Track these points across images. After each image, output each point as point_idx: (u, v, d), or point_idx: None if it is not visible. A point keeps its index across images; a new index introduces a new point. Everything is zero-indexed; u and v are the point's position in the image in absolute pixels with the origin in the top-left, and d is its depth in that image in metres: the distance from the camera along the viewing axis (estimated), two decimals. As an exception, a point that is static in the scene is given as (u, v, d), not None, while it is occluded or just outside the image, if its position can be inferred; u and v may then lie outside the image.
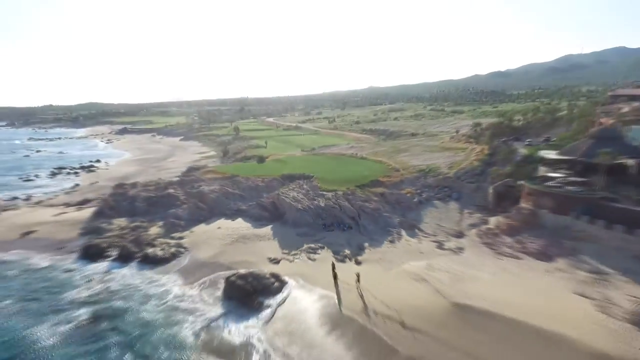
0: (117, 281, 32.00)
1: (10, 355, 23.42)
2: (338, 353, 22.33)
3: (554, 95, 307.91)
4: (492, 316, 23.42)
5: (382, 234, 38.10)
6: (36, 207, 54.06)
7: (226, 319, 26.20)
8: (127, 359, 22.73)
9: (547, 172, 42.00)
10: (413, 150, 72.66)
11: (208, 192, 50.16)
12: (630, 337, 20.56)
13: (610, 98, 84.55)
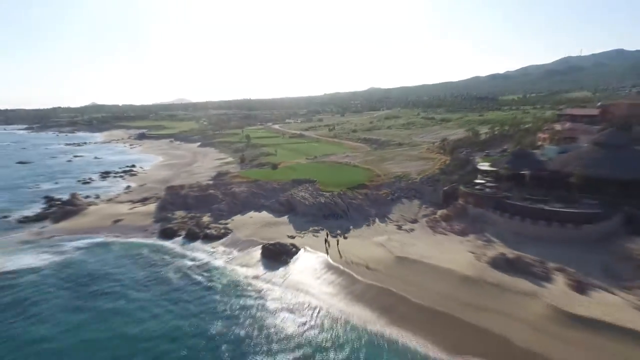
0: (192, 250, 50.26)
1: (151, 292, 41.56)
2: (329, 280, 40.58)
3: (545, 100, 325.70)
4: (417, 262, 41.59)
5: (363, 221, 56.22)
6: (110, 203, 72.46)
7: (264, 267, 44.39)
8: (214, 288, 40.76)
9: (479, 179, 60.20)
10: (396, 159, 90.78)
11: (239, 192, 68.54)
12: (484, 269, 38.65)
13: (557, 116, 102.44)
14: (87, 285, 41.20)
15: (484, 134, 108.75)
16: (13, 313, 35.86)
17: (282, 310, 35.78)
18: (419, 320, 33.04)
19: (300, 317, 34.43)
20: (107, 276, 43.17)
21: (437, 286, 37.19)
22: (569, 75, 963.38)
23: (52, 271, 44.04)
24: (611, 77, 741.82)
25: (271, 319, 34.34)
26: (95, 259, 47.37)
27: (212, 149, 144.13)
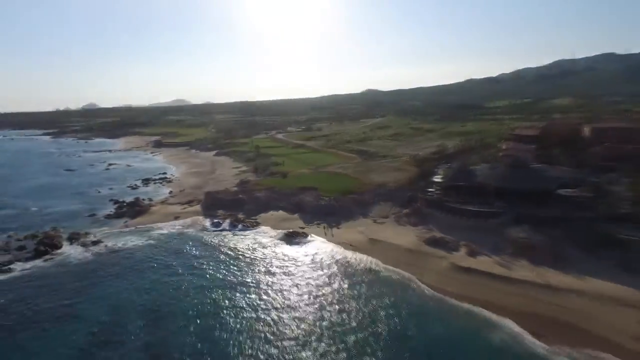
0: (237, 234, 75.22)
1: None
2: (328, 249, 65.74)
3: (529, 107, 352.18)
4: (382, 241, 66.74)
5: (350, 217, 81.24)
6: (164, 205, 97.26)
7: (285, 245, 69.36)
8: (257, 257, 65.55)
9: (432, 188, 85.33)
10: (379, 170, 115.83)
11: (261, 196, 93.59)
12: (420, 245, 63.87)
13: (510, 135, 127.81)
14: (177, 252, 66.18)
15: (453, 147, 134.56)
16: (144, 266, 60.74)
17: (297, 263, 60.79)
18: (384, 265, 58.25)
19: (316, 263, 59.43)
20: (186, 249, 68.15)
21: (392, 254, 62.39)
22: (561, 78, 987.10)
23: (152, 247, 69.04)
24: (602, 81, 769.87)
25: (297, 265, 59.31)
26: (176, 240, 72.37)
27: (227, 158, 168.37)
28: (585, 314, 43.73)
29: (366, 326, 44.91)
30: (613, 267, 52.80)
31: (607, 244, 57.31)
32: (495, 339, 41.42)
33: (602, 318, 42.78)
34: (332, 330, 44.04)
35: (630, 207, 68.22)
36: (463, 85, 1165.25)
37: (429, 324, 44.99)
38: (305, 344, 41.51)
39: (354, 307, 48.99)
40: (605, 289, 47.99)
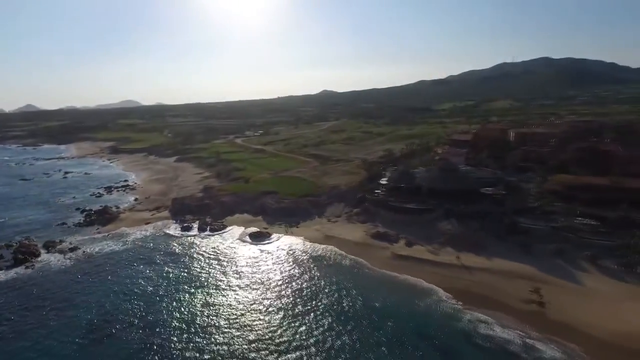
0: (207, 236, 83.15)
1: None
2: (290, 242, 75.71)
3: (472, 110, 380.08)
4: (335, 237, 77.70)
5: (308, 217, 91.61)
6: (132, 212, 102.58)
7: (251, 244, 78.46)
8: (228, 252, 74.21)
9: (378, 189, 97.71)
10: (333, 173, 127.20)
11: (226, 201, 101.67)
12: (367, 239, 75.57)
13: (447, 140, 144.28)
14: (152, 255, 73.26)
15: (400, 150, 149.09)
16: (124, 269, 67.46)
17: (264, 257, 70.22)
18: (340, 255, 69.16)
19: (280, 256, 69.05)
20: (161, 251, 75.36)
21: (344, 246, 73.52)
22: (502, 81, 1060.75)
23: (129, 252, 75.50)
24: (537, 84, 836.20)
25: (265, 259, 68.67)
26: (150, 244, 79.14)
27: (188, 164, 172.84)
28: (490, 286, 56.91)
29: (331, 295, 56.11)
30: (516, 249, 66.97)
31: (513, 232, 71.76)
32: (427, 300, 53.85)
33: (502, 288, 56.13)
34: (304, 300, 54.66)
35: (535, 201, 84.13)
36: (415, 86, 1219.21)
37: (379, 291, 57.18)
38: (284, 309, 51.35)
39: (317, 283, 59.59)
40: (508, 266, 61.76)
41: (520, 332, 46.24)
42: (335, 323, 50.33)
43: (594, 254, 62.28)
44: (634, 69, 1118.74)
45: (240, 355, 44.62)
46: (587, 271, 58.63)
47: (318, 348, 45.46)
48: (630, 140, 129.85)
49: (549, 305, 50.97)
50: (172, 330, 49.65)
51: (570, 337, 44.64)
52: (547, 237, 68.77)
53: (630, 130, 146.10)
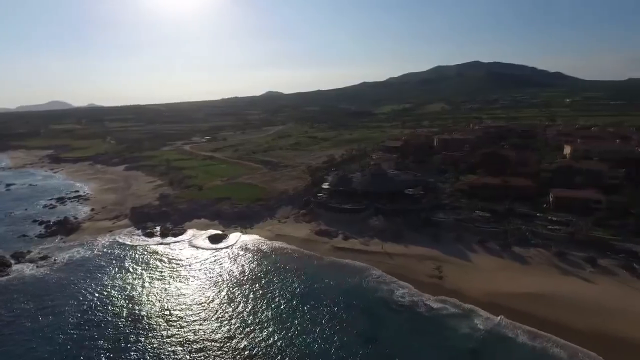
0: (169, 240, 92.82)
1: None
2: (247, 240, 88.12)
3: (409, 114, 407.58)
4: (285, 235, 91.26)
5: (260, 220, 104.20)
6: (92, 221, 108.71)
7: (211, 244, 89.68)
8: (189, 255, 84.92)
9: (321, 193, 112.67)
10: (282, 179, 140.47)
11: (183, 208, 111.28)
12: (311, 235, 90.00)
13: (381, 146, 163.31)
14: (121, 260, 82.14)
15: (340, 156, 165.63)
16: (97, 274, 75.97)
17: (224, 256, 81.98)
18: (289, 249, 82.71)
19: (238, 253, 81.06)
20: (129, 256, 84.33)
21: (293, 243, 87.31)
22: (438, 84, 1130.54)
23: (98, 258, 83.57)
24: (468, 87, 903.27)
25: (225, 257, 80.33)
26: (117, 251, 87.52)
27: (139, 172, 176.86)
28: (405, 266, 73.58)
29: (282, 280, 69.70)
30: (427, 238, 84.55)
31: (426, 224, 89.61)
32: (371, 275, 69.56)
33: (413, 267, 72.97)
34: (261, 286, 67.48)
35: (447, 199, 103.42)
36: (357, 88, 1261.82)
37: (321, 275, 71.56)
38: (244, 295, 63.82)
39: (271, 273, 72.74)
40: (420, 251, 78.99)
41: (422, 297, 62.97)
42: (287, 300, 64.05)
43: (483, 238, 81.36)
44: (552, 72, 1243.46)
45: (211, 332, 56.86)
46: (477, 252, 77.31)
47: (275, 320, 58.93)
48: (529, 143, 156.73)
49: (446, 278, 68.48)
50: (152, 326, 60.52)
51: (456, 297, 62.01)
52: (451, 227, 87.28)
53: (530, 134, 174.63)
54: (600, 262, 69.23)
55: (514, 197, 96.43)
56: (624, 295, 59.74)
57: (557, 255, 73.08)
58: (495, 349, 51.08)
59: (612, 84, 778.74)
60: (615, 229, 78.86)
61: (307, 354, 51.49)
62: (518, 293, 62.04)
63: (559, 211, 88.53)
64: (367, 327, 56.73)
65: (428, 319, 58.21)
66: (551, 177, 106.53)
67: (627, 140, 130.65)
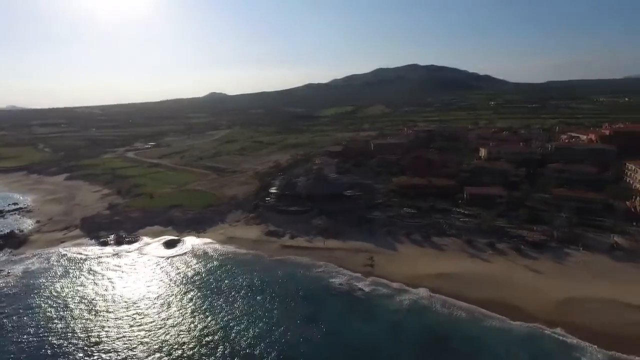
0: (124, 248, 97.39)
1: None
2: (199, 244, 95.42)
3: (352, 117, 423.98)
4: (237, 237, 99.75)
5: (213, 224, 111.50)
6: (41, 233, 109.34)
7: (166, 249, 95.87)
8: (146, 262, 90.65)
9: (269, 197, 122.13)
10: (231, 184, 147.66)
11: (135, 216, 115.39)
12: (262, 236, 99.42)
13: (323, 151, 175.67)
14: (80, 268, 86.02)
15: (286, 161, 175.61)
16: (58, 283, 79.61)
17: (180, 259, 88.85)
18: (241, 250, 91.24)
19: (193, 256, 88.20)
20: (86, 264, 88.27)
21: (244, 244, 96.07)
22: (379, 86, 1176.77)
23: (56, 267, 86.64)
24: (407, 89, 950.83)
25: (181, 261, 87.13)
26: (73, 259, 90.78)
27: (82, 182, 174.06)
28: (343, 258, 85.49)
29: (236, 277, 78.47)
30: (363, 234, 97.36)
31: (362, 222, 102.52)
32: (314, 268, 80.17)
33: (350, 259, 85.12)
34: (217, 284, 75.78)
35: (381, 198, 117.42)
36: (302, 90, 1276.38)
37: (274, 269, 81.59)
38: (200, 293, 71.73)
39: (225, 272, 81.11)
40: (357, 245, 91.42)
41: (358, 283, 75.14)
42: (242, 293, 73.22)
43: (409, 231, 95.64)
44: (482, 75, 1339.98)
45: (177, 327, 64.68)
46: (403, 243, 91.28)
47: (230, 311, 67.90)
48: (453, 146, 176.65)
49: (377, 266, 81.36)
50: (120, 326, 66.92)
51: (385, 280, 74.96)
52: (383, 223, 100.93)
53: (454, 138, 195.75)
54: (497, 246, 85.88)
55: (436, 195, 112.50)
56: (511, 270, 76.03)
57: (467, 242, 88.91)
58: (416, 316, 64.27)
59: (534, 87, 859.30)
60: (512, 218, 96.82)
61: (259, 335, 61.15)
62: (434, 274, 76.20)
63: (471, 206, 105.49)
64: (310, 310, 67.57)
65: (362, 300, 70.29)
66: (468, 177, 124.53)
67: (529, 143, 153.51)
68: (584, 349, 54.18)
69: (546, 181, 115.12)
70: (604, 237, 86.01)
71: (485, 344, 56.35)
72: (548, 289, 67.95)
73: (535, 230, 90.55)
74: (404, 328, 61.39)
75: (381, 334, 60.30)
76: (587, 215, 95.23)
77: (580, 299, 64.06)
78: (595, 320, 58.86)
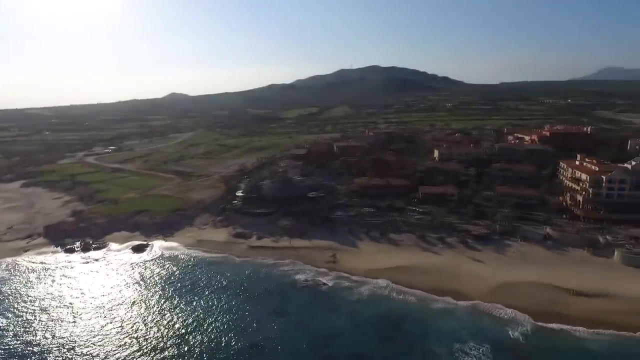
0: (92, 254, 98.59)
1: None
2: (168, 247, 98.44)
3: (314, 119, 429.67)
4: (206, 240, 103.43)
5: (181, 228, 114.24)
6: (1, 243, 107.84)
7: (134, 255, 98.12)
8: (117, 266, 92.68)
9: (236, 200, 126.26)
10: (197, 188, 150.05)
11: (101, 222, 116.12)
12: (229, 238, 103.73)
13: (287, 154, 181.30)
14: (49, 275, 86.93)
15: (252, 164, 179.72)
16: (27, 291, 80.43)
17: (150, 263, 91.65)
18: (210, 252, 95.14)
19: (161, 260, 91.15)
20: (53, 274, 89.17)
21: (212, 246, 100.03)
22: (341, 87, 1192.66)
23: (22, 275, 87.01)
24: (368, 90, 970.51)
25: (151, 264, 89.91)
26: (37, 269, 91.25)
27: (41, 189, 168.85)
28: (308, 256, 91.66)
29: (205, 278, 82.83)
30: (327, 232, 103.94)
31: (326, 221, 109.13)
32: (280, 266, 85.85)
33: (315, 256, 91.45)
34: (188, 284, 79.73)
35: (343, 199, 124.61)
36: (265, 90, 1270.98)
37: (243, 268, 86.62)
38: (171, 294, 75.38)
39: (195, 273, 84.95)
40: (321, 244, 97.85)
41: (320, 277, 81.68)
42: (212, 292, 77.75)
43: (368, 229, 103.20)
44: (440, 77, 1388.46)
45: (152, 324, 68.36)
46: (363, 240, 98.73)
47: (203, 308, 72.29)
48: (410, 148, 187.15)
49: (339, 262, 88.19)
50: (89, 334, 69.70)
51: (347, 274, 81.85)
52: (345, 222, 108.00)
53: (412, 140, 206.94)
54: (447, 240, 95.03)
55: (394, 194, 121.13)
56: (458, 261, 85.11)
57: (420, 237, 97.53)
58: (374, 304, 71.58)
59: (488, 88, 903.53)
60: (460, 215, 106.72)
61: (230, 328, 66.13)
62: (391, 267, 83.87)
63: (425, 204, 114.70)
64: (278, 304, 73.26)
65: (326, 293, 76.77)
66: (422, 177, 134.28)
67: (478, 144, 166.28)
68: (516, 320, 63.54)
69: (491, 180, 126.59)
70: (539, 229, 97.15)
71: (433, 324, 64.49)
72: (488, 276, 77.28)
73: (480, 224, 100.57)
74: (363, 315, 68.39)
75: (343, 322, 66.93)
76: (525, 210, 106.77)
77: (514, 283, 73.70)
78: (523, 299, 68.41)
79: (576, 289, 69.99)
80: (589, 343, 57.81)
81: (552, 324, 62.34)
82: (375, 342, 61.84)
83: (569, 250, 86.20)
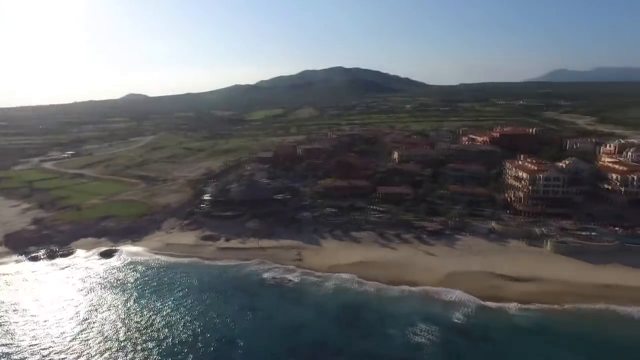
0: (57, 262, 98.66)
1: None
2: (135, 252, 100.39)
3: (281, 121, 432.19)
4: (171, 244, 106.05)
5: (148, 232, 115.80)
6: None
7: (102, 260, 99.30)
8: (84, 273, 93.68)
9: (204, 203, 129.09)
10: (163, 193, 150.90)
11: (65, 229, 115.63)
12: (198, 241, 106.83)
13: (254, 158, 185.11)
14: (9, 288, 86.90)
15: (218, 167, 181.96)
16: None
17: (120, 268, 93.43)
18: (179, 255, 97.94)
19: (131, 265, 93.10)
20: (17, 284, 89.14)
21: (181, 249, 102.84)
22: (306, 88, 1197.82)
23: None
24: (333, 91, 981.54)
25: (121, 269, 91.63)
26: (1, 279, 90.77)
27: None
28: (275, 255, 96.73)
29: (175, 280, 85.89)
30: (293, 232, 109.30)
31: (292, 222, 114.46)
32: (249, 266, 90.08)
33: (282, 255, 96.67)
34: (158, 287, 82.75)
35: (308, 200, 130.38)
36: (230, 91, 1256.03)
37: (212, 269, 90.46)
38: (144, 296, 78.12)
39: (165, 276, 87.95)
40: (287, 243, 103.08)
41: (287, 274, 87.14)
42: (182, 293, 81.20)
43: (332, 228, 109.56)
44: (402, 78, 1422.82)
45: (129, 323, 71.20)
46: (326, 238, 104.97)
47: (174, 308, 75.75)
48: (372, 149, 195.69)
49: (304, 259, 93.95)
50: (62, 340, 71.58)
51: (311, 271, 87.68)
52: (310, 222, 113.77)
53: (373, 141, 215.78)
54: (403, 236, 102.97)
55: (355, 195, 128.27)
56: (413, 255, 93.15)
57: (379, 234, 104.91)
58: (337, 297, 78.01)
59: (447, 89, 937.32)
60: (416, 212, 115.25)
61: (201, 325, 70.18)
62: (352, 262, 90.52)
63: (384, 203, 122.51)
64: (246, 301, 78.00)
65: (292, 289, 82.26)
66: (382, 177, 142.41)
67: (435, 146, 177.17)
68: (460, 302, 72.69)
69: (445, 179, 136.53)
70: (485, 223, 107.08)
71: (389, 310, 71.78)
72: (439, 267, 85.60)
73: (434, 221, 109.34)
74: (327, 307, 74.55)
75: (308, 314, 72.72)
76: (475, 206, 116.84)
77: (460, 272, 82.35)
78: (467, 285, 77.20)
79: (513, 275, 79.48)
80: (519, 318, 67.41)
81: (490, 303, 71.45)
82: (337, 330, 68.05)
83: (509, 241, 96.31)
